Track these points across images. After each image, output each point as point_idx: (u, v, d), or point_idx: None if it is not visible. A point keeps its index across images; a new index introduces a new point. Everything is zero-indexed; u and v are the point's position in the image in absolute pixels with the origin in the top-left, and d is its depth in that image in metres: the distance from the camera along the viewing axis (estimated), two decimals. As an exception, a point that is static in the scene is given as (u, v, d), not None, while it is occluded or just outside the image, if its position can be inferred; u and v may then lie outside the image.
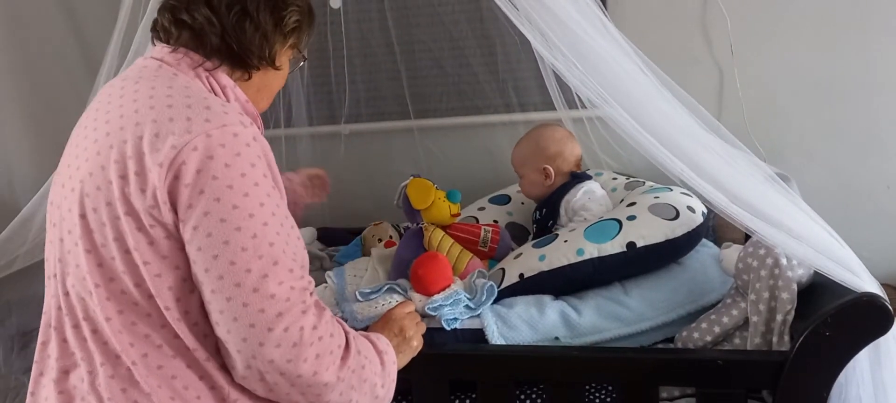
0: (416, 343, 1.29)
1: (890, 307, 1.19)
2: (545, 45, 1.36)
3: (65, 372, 1.02)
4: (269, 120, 2.40)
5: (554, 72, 1.92)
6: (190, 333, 0.98)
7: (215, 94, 1.08)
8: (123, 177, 0.96)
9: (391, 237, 2.07)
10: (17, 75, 2.52)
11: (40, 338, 1.06)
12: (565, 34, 1.33)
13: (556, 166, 1.77)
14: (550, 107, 2.10)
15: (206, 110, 0.98)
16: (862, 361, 1.23)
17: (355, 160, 2.46)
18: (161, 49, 1.11)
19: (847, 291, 1.22)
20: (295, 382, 0.98)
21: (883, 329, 1.20)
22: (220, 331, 0.96)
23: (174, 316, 0.98)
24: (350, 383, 1.03)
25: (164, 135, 0.96)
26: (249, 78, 1.14)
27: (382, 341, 1.17)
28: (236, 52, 1.10)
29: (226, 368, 1.00)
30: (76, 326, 1.01)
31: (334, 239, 2.24)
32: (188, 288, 0.98)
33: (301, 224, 2.25)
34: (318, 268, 2.03)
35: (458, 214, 1.74)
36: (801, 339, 1.21)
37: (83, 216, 0.99)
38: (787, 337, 1.29)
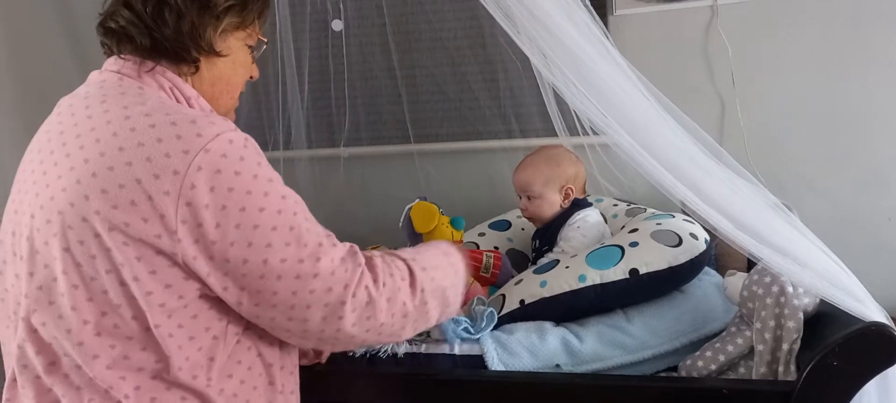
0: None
1: (898, 337, 1.17)
2: (547, 67, 1.35)
3: None
4: (267, 141, 2.39)
5: (556, 98, 1.94)
6: (192, 361, 0.96)
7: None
8: (116, 207, 0.91)
9: (389, 261, 2.05)
10: (13, 81, 2.50)
11: (8, 375, 1.01)
12: (567, 56, 1.32)
13: (577, 186, 1.75)
14: (552, 133, 2.09)
15: (192, 124, 0.94)
16: (870, 392, 1.21)
17: (354, 184, 2.44)
18: (114, 60, 1.06)
19: (854, 320, 1.20)
20: (380, 330, 1.04)
21: (891, 359, 1.18)
22: (295, 333, 1.00)
23: (177, 342, 0.95)
24: (423, 299, 1.08)
25: (157, 159, 0.91)
26: (197, 71, 1.07)
27: (444, 244, 1.23)
28: (169, 47, 1.03)
29: (225, 394, 0.98)
30: (54, 363, 0.96)
31: (331, 263, 2.21)
32: (191, 313, 0.96)
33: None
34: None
35: (461, 242, 1.71)
36: (808, 369, 1.18)
37: (67, 249, 0.93)
38: (793, 367, 1.27)
